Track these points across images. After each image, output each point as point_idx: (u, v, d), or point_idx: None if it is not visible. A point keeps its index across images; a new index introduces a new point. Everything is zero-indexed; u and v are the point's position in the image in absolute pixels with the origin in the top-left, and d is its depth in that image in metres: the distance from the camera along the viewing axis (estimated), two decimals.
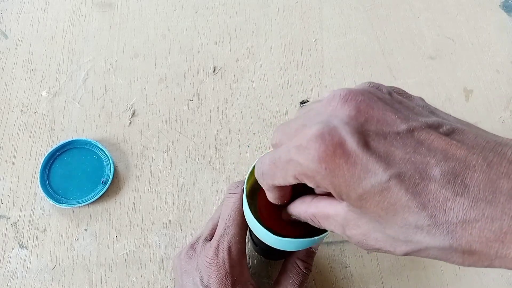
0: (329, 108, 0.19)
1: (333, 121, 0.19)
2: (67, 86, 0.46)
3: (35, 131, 0.43)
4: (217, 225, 0.32)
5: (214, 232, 0.32)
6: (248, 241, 0.39)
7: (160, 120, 0.45)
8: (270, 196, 0.25)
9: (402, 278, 0.39)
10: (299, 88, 0.48)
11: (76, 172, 0.41)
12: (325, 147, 0.18)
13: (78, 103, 0.45)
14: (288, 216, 0.26)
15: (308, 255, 0.34)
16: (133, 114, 0.45)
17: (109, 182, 0.40)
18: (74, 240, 0.39)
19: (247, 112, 0.46)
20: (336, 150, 0.18)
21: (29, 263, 0.37)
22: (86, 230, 0.39)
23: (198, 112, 0.45)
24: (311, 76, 0.49)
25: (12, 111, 0.44)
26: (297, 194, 0.26)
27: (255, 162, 0.28)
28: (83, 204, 0.39)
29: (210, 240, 0.32)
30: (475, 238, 0.17)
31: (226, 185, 0.42)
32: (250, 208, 0.27)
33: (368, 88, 0.20)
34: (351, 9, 0.53)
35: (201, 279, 0.30)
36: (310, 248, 0.34)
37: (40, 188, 0.39)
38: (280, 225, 0.28)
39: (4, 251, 0.38)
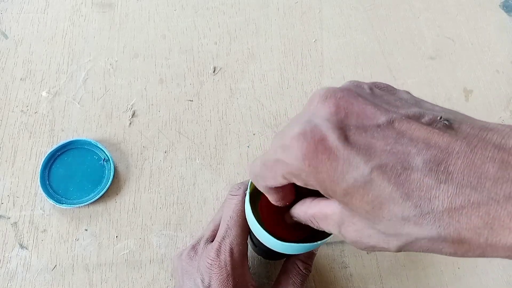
0: (310, 107, 0.20)
1: (315, 119, 0.19)
2: (67, 86, 0.46)
3: (35, 131, 0.43)
4: (219, 226, 0.32)
5: (216, 234, 0.32)
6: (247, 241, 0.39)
7: (160, 121, 0.45)
8: (270, 198, 0.25)
9: (401, 278, 0.39)
10: (299, 88, 0.48)
11: (76, 172, 0.41)
12: (307, 144, 0.18)
13: (78, 103, 0.45)
14: (290, 218, 0.26)
15: (308, 256, 0.34)
16: (133, 115, 0.45)
17: (111, 178, 0.40)
18: (74, 240, 0.39)
19: (247, 112, 0.46)
20: (318, 146, 0.18)
21: (29, 263, 0.37)
22: (86, 230, 0.39)
23: (198, 112, 0.45)
24: (311, 77, 0.49)
25: (12, 111, 0.44)
26: (301, 197, 0.26)
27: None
28: (83, 204, 0.39)
29: (212, 241, 0.32)
30: (463, 225, 0.16)
31: (226, 186, 0.42)
32: (252, 211, 0.27)
33: (348, 86, 0.21)
34: (351, 9, 0.53)
35: (202, 280, 0.29)
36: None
37: (40, 188, 0.39)
38: (281, 228, 0.28)
39: (4, 251, 0.38)
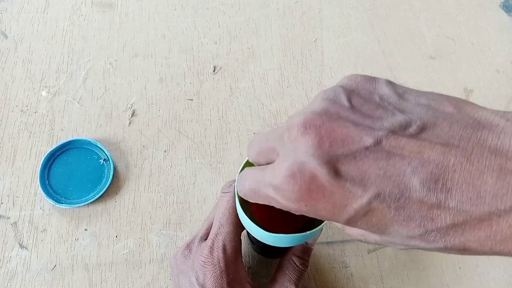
0: (291, 139, 0.19)
1: (299, 155, 0.18)
2: (67, 86, 0.46)
3: (35, 131, 0.43)
4: (212, 225, 0.32)
5: (209, 232, 0.32)
6: (245, 239, 0.39)
7: (160, 120, 0.45)
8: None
9: (402, 278, 0.39)
10: (299, 87, 0.48)
11: (76, 172, 0.41)
12: (299, 187, 0.18)
13: (78, 103, 0.45)
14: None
15: (304, 251, 0.34)
16: (133, 114, 0.45)
17: (110, 177, 0.40)
18: (74, 240, 0.38)
19: (247, 111, 0.46)
20: (310, 186, 0.18)
21: (29, 263, 0.37)
22: (86, 230, 0.39)
23: (198, 111, 0.45)
24: (311, 76, 0.49)
25: (12, 111, 0.44)
26: None
27: (244, 161, 0.28)
28: (83, 204, 0.39)
29: (206, 239, 0.32)
30: (467, 238, 0.16)
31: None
32: (243, 206, 0.27)
33: (325, 106, 0.19)
34: (351, 9, 0.53)
35: (197, 278, 0.29)
36: (306, 244, 0.34)
37: (40, 188, 0.39)
38: (274, 222, 0.28)
39: (4, 251, 0.38)
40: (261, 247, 0.36)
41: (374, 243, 0.20)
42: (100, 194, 0.40)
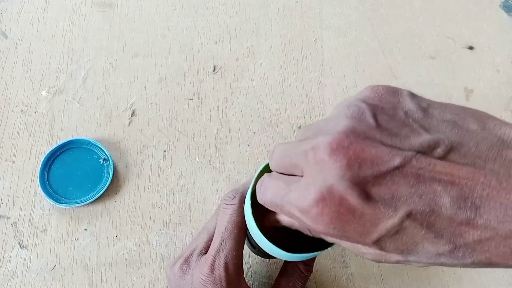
0: (317, 159, 0.18)
1: (327, 177, 0.18)
2: (67, 86, 0.46)
3: (35, 131, 0.43)
4: (212, 236, 0.30)
5: (209, 245, 0.30)
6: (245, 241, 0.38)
7: (160, 119, 0.45)
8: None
9: (403, 278, 0.39)
10: (299, 87, 0.48)
11: (75, 172, 0.41)
12: (328, 210, 0.18)
13: (78, 103, 0.45)
14: (276, 222, 0.26)
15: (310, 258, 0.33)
16: (132, 114, 0.45)
17: (110, 177, 0.40)
18: (74, 240, 0.38)
19: (247, 111, 0.46)
20: (340, 209, 0.18)
21: (29, 263, 0.37)
22: (85, 230, 0.39)
23: (198, 111, 0.45)
24: (311, 75, 0.48)
25: (12, 111, 0.44)
26: None
27: (264, 164, 0.27)
28: (82, 204, 0.39)
29: (205, 253, 0.30)
30: (492, 253, 0.17)
31: (226, 184, 0.42)
32: (255, 219, 0.26)
33: (351, 124, 0.18)
34: (351, 9, 0.53)
35: None
36: None
37: (39, 188, 0.39)
38: (283, 233, 0.27)
39: (4, 251, 0.38)
40: (263, 253, 0.36)
41: (394, 262, 0.20)
42: (100, 194, 0.40)
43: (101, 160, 0.41)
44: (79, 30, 0.49)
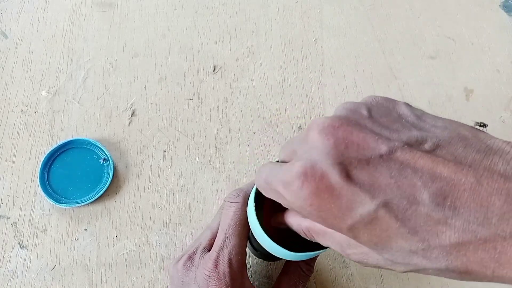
0: (308, 139, 0.19)
1: (314, 154, 0.19)
2: (67, 86, 0.46)
3: (35, 131, 0.43)
4: (216, 234, 0.31)
5: (213, 242, 0.31)
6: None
7: (160, 119, 0.45)
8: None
9: (402, 278, 0.39)
10: (299, 87, 0.48)
11: (75, 172, 0.41)
12: (308, 184, 0.18)
13: (78, 103, 0.45)
14: (278, 223, 0.26)
15: (311, 257, 0.33)
16: (132, 114, 0.45)
17: (110, 177, 0.40)
18: (74, 240, 0.38)
19: (247, 111, 0.46)
20: (319, 185, 0.18)
21: (29, 263, 0.37)
22: (86, 230, 0.39)
23: (198, 111, 0.45)
24: (312, 75, 0.48)
25: (12, 111, 0.44)
26: None
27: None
28: (82, 204, 0.39)
29: (209, 250, 0.30)
30: (470, 259, 0.16)
31: (226, 184, 0.42)
32: (259, 221, 0.27)
33: (345, 113, 0.20)
34: (351, 9, 0.53)
35: None
36: None
37: (39, 188, 0.39)
38: (284, 233, 0.27)
39: (4, 251, 0.38)
40: (266, 255, 0.36)
41: (375, 265, 0.20)
42: (100, 194, 0.40)
43: (101, 160, 0.41)
44: (79, 30, 0.49)
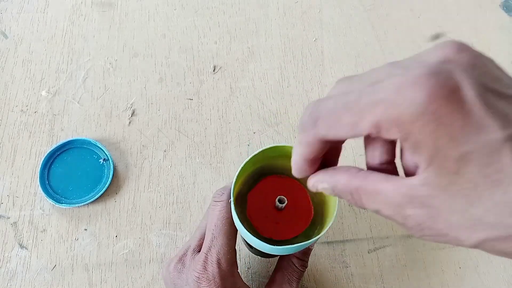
0: (439, 53, 0.17)
1: (448, 65, 0.16)
2: (67, 86, 0.46)
3: (35, 131, 0.43)
4: (204, 235, 0.30)
5: (202, 243, 0.30)
6: (242, 242, 0.39)
7: (160, 119, 0.45)
8: (302, 155, 0.20)
9: (402, 277, 0.39)
10: (299, 87, 0.48)
11: (75, 172, 0.41)
12: (439, 87, 0.15)
13: (78, 103, 0.45)
14: (313, 186, 0.22)
15: (304, 252, 0.33)
16: (132, 114, 0.45)
17: (110, 177, 0.40)
18: (74, 240, 0.38)
19: (247, 111, 0.46)
20: (450, 93, 0.15)
21: (29, 263, 0.37)
22: (85, 230, 0.39)
23: (198, 111, 0.45)
24: (312, 75, 0.48)
25: (12, 111, 0.44)
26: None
27: (240, 168, 0.27)
28: (82, 204, 0.39)
29: (199, 251, 0.30)
30: None
31: (226, 184, 0.42)
32: (240, 216, 0.27)
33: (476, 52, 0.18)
34: (352, 9, 0.53)
35: None
36: None
37: (39, 188, 0.39)
38: (272, 228, 0.28)
39: (4, 251, 0.38)
40: (259, 251, 0.36)
41: (437, 232, 0.17)
42: (100, 194, 0.40)
43: (101, 160, 0.41)
44: (79, 30, 0.49)
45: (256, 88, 0.47)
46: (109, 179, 0.40)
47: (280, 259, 0.34)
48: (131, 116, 0.44)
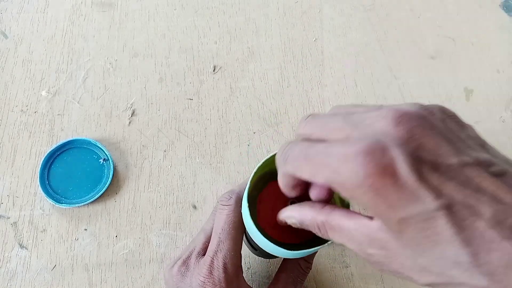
0: (379, 124, 0.18)
1: (385, 140, 0.18)
2: (67, 86, 0.46)
3: (35, 131, 0.43)
4: (210, 238, 0.30)
5: (207, 246, 0.30)
6: (244, 243, 0.38)
7: (160, 119, 0.45)
8: (283, 183, 0.23)
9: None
10: (299, 87, 0.48)
11: (75, 172, 0.41)
12: (374, 164, 0.17)
13: (78, 103, 0.45)
14: (287, 217, 0.25)
15: (310, 254, 0.33)
16: (132, 114, 0.45)
17: (110, 177, 0.40)
18: (74, 240, 0.38)
19: (247, 111, 0.46)
20: (385, 169, 0.17)
21: (29, 263, 0.37)
22: (85, 230, 0.39)
23: (198, 111, 0.45)
24: (312, 75, 0.48)
25: (12, 111, 0.44)
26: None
27: (254, 171, 0.27)
28: (82, 204, 0.39)
29: (203, 254, 0.30)
30: (510, 283, 0.16)
31: (226, 184, 0.42)
32: (253, 219, 0.26)
33: (422, 112, 0.19)
34: (352, 9, 0.53)
35: None
36: None
37: (39, 188, 0.39)
38: (281, 231, 0.27)
39: (4, 251, 0.38)
40: (264, 254, 0.36)
41: (394, 270, 0.20)
42: (100, 194, 0.40)
43: (101, 160, 0.41)
44: (79, 30, 0.49)
45: (256, 88, 0.47)
46: (109, 179, 0.40)
47: (285, 260, 0.34)
48: (131, 116, 0.44)
